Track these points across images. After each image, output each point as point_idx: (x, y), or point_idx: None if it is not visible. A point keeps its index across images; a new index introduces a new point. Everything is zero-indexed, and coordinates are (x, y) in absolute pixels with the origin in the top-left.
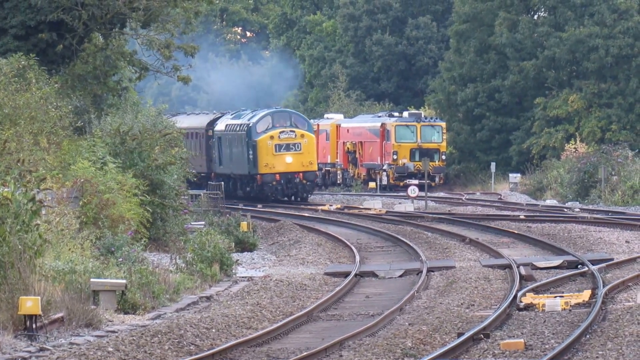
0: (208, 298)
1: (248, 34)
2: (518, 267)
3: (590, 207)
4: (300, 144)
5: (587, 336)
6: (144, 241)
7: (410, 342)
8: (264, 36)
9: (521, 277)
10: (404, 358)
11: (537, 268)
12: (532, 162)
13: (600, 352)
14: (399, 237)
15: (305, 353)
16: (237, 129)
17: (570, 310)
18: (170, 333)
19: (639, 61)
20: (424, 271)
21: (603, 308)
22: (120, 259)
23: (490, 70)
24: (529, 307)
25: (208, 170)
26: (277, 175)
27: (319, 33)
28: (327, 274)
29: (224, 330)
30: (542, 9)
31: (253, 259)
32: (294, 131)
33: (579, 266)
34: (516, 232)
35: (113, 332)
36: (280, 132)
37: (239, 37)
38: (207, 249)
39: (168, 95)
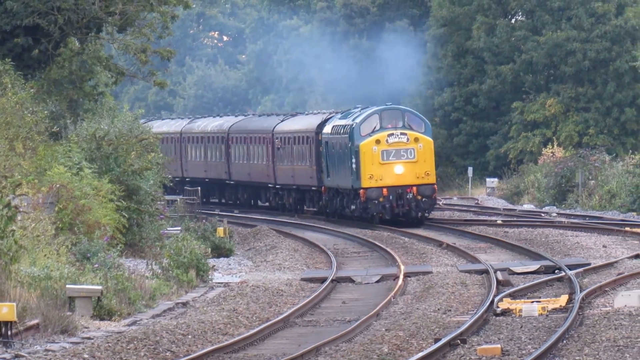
0: (184, 304)
1: (225, 38)
2: (495, 272)
3: (568, 211)
4: (413, 149)
5: (564, 341)
6: (120, 247)
7: (386, 348)
8: (240, 40)
9: (498, 282)
10: None
11: (514, 273)
12: (510, 167)
13: (577, 358)
14: (376, 242)
15: (281, 359)
16: (341, 131)
17: (547, 315)
18: (146, 339)
19: (616, 65)
20: (401, 276)
21: (580, 313)
22: (96, 265)
23: (468, 74)
24: (505, 312)
25: (319, 183)
26: (385, 190)
27: (296, 38)
28: (303, 279)
29: (200, 337)
30: (520, 13)
31: (229, 264)
32: (405, 134)
33: (556, 271)
34: (493, 237)
35: (89, 338)
36: (389, 135)
37: (215, 41)
38: (183, 254)
39: (144, 100)
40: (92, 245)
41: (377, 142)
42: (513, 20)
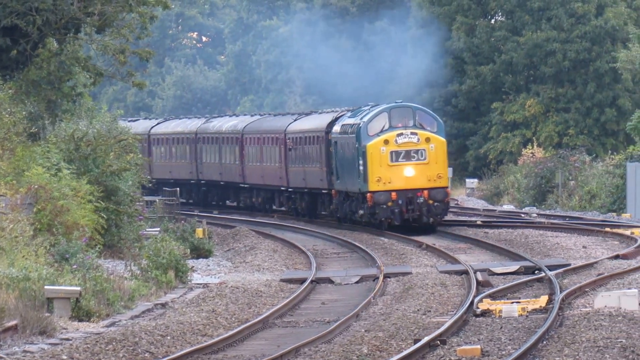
0: (163, 305)
1: (204, 38)
2: (475, 272)
3: (548, 212)
4: (424, 150)
5: (544, 342)
6: (99, 248)
7: (366, 349)
8: (219, 41)
9: (478, 283)
10: None
11: (494, 274)
12: (489, 167)
13: (557, 358)
14: (355, 243)
15: None
16: (349, 130)
17: (527, 316)
18: (125, 340)
19: (596, 65)
20: (380, 277)
21: (560, 314)
22: (75, 266)
23: (447, 74)
24: (485, 313)
25: (329, 186)
26: (394, 194)
27: (275, 38)
28: (283, 280)
29: (179, 338)
30: (500, 13)
31: (208, 265)
32: (416, 133)
33: (536, 272)
34: (473, 237)
35: (67, 339)
36: (398, 135)
37: (194, 42)
38: (162, 255)
39: (123, 101)
40: (71, 246)
41: (386, 142)
42: (493, 21)
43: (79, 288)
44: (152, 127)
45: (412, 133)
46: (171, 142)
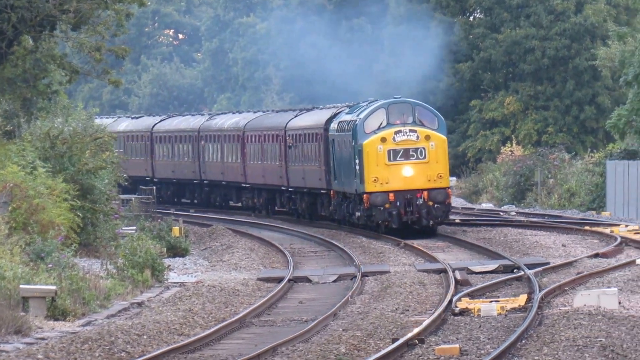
0: (139, 304)
1: (180, 36)
2: (453, 271)
3: (527, 210)
4: (424, 149)
5: (523, 341)
6: (75, 247)
7: (344, 348)
8: (196, 38)
9: (456, 281)
10: None
11: (472, 272)
12: (468, 166)
13: (536, 358)
14: (333, 241)
15: (238, 359)
16: (345, 128)
17: (506, 315)
18: (101, 340)
19: (575, 63)
20: (358, 276)
21: (539, 313)
22: (50, 265)
23: (426, 72)
24: (464, 312)
25: (328, 186)
26: (391, 195)
27: (252, 35)
28: (260, 279)
29: (156, 337)
30: (478, 10)
31: (185, 264)
32: (415, 131)
33: (514, 270)
34: (451, 236)
35: (43, 339)
36: (396, 133)
37: (171, 39)
38: (138, 254)
39: (99, 99)
40: (46, 245)
41: (383, 140)
42: (471, 18)
43: (54, 287)
44: (155, 125)
45: (411, 130)
46: (174, 140)
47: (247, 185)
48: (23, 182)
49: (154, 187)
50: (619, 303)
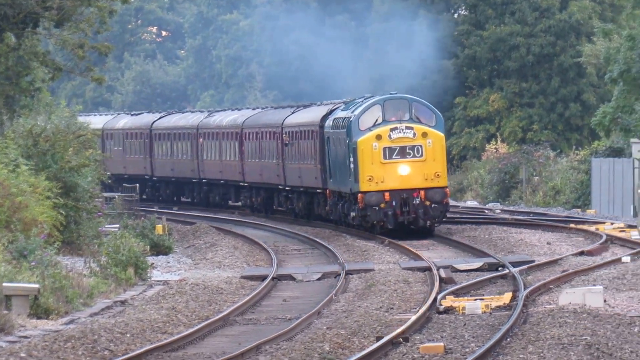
0: (122, 302)
1: (164, 33)
2: (438, 269)
3: (511, 208)
4: (421, 146)
5: (508, 339)
6: (58, 245)
7: (328, 347)
8: (179, 35)
9: (441, 279)
10: None
11: (457, 270)
12: (453, 163)
13: (521, 356)
14: (317, 239)
15: (221, 358)
16: (340, 125)
17: (490, 313)
18: (84, 338)
19: (560, 60)
20: (343, 274)
21: (524, 311)
22: (33, 263)
23: (410, 69)
24: (449, 310)
25: (323, 185)
26: (387, 194)
27: (235, 32)
28: (243, 277)
29: (139, 335)
30: (463, 7)
31: (168, 262)
32: (411, 128)
33: (499, 268)
34: (436, 233)
35: (25, 337)
36: (392, 130)
37: (154, 36)
38: (121, 252)
39: (82, 96)
40: (29, 243)
41: (378, 137)
42: (456, 15)
43: (37, 285)
44: (155, 122)
45: (407, 127)
46: (173, 137)
47: (245, 184)
48: (5, 180)
49: (137, 185)
50: (604, 301)
